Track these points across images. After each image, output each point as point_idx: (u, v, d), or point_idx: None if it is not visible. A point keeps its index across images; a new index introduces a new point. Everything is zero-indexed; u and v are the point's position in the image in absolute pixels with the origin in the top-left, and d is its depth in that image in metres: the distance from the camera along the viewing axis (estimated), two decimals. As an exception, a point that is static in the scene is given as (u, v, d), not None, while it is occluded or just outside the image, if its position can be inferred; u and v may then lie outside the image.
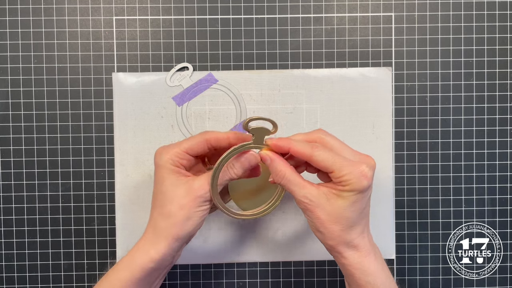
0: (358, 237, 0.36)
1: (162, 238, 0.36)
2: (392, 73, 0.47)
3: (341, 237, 0.36)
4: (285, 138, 0.36)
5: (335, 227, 0.35)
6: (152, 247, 0.36)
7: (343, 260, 0.37)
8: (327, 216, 0.35)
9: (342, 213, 0.35)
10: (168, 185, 0.36)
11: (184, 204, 0.35)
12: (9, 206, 0.46)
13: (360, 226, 0.36)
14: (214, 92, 0.46)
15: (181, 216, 0.35)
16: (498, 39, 0.47)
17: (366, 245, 0.36)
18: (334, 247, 0.36)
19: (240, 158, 0.37)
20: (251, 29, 0.47)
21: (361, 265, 0.36)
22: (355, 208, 0.35)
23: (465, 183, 0.47)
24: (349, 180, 0.34)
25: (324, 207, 0.35)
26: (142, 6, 0.46)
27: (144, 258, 0.36)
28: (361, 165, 0.34)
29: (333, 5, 0.47)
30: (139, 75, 0.46)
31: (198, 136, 0.38)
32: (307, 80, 0.46)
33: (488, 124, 0.47)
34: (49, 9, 0.46)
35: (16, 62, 0.46)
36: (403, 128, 0.47)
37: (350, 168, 0.34)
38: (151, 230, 0.37)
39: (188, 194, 0.36)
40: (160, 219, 0.36)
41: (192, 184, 0.36)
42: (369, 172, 0.34)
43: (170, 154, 0.36)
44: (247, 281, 0.47)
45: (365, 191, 0.35)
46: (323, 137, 0.37)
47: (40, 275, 0.47)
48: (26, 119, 0.46)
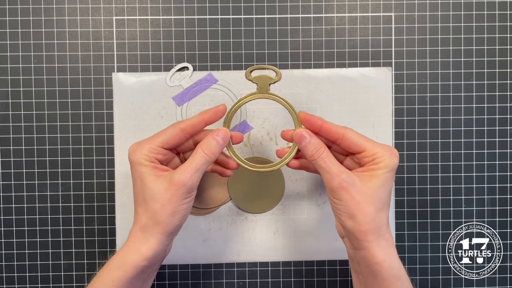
0: (385, 224, 0.36)
1: (151, 236, 0.36)
2: (392, 73, 0.47)
3: (374, 221, 0.35)
4: (316, 116, 0.37)
5: (371, 207, 0.35)
6: (142, 245, 0.35)
7: (374, 252, 0.35)
8: (362, 196, 0.35)
9: (376, 193, 0.35)
10: (147, 182, 0.35)
11: (166, 200, 0.35)
12: (9, 206, 0.46)
13: (387, 212, 0.37)
14: (214, 92, 0.46)
15: (166, 212, 0.35)
16: (498, 39, 0.47)
17: (391, 236, 0.37)
18: (366, 235, 0.35)
19: (212, 135, 0.37)
20: (251, 29, 0.47)
21: (390, 256, 0.35)
22: (386, 188, 0.36)
23: (465, 183, 0.47)
24: (382, 156, 0.35)
25: (359, 187, 0.35)
26: (142, 6, 0.46)
27: (136, 257, 0.35)
28: (389, 146, 0.37)
29: (333, 5, 0.47)
30: (139, 75, 0.46)
31: (171, 128, 0.37)
32: (307, 80, 0.46)
33: (488, 124, 0.47)
34: (49, 9, 0.46)
35: (16, 62, 0.46)
36: (403, 128, 0.47)
37: (381, 147, 0.36)
38: (138, 228, 0.36)
39: (169, 189, 0.35)
40: (146, 217, 0.36)
41: (172, 179, 0.35)
42: (396, 151, 0.37)
43: (145, 150, 0.36)
44: (247, 281, 0.47)
45: (395, 168, 0.36)
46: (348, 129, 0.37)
47: (40, 275, 0.47)
48: (26, 119, 0.46)
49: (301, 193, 0.47)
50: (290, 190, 0.47)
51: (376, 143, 0.37)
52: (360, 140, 0.36)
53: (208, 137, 0.37)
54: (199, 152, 0.36)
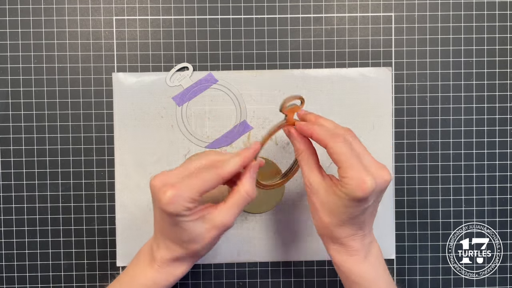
0: (346, 237, 0.36)
1: (186, 262, 0.37)
2: (392, 73, 0.47)
3: (328, 230, 0.36)
4: (310, 124, 0.37)
5: (325, 219, 0.36)
6: (176, 269, 0.37)
7: (330, 251, 0.38)
8: (320, 205, 0.36)
9: (335, 210, 0.35)
10: (185, 227, 0.34)
11: (208, 241, 0.35)
12: (9, 206, 0.46)
13: (350, 230, 0.36)
14: (214, 92, 0.46)
15: (207, 248, 0.36)
16: (498, 39, 0.47)
17: (355, 246, 0.36)
18: (322, 237, 0.38)
19: (249, 173, 0.36)
20: (251, 29, 0.47)
21: (346, 263, 0.37)
22: (346, 211, 0.34)
23: (465, 183, 0.47)
24: (347, 184, 0.33)
25: (321, 197, 0.36)
26: (142, 6, 0.46)
27: (167, 278, 0.37)
28: (366, 176, 0.33)
29: (333, 5, 0.47)
30: (139, 75, 0.46)
31: (210, 175, 0.34)
32: (307, 80, 0.46)
33: (488, 124, 0.47)
34: (49, 9, 0.46)
35: (16, 62, 0.46)
36: (403, 128, 0.47)
37: (354, 174, 0.33)
38: (170, 257, 0.36)
39: (211, 231, 0.35)
40: (183, 253, 0.36)
41: (215, 222, 0.35)
42: (370, 186, 0.32)
43: (186, 202, 0.33)
44: (247, 281, 0.47)
45: (359, 201, 0.33)
46: (347, 137, 0.35)
47: (40, 275, 0.47)
48: (26, 119, 0.46)
49: (301, 193, 0.47)
50: (290, 190, 0.47)
51: (357, 166, 0.33)
52: (341, 156, 0.34)
53: (249, 178, 0.36)
54: (242, 194, 0.35)
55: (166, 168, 0.46)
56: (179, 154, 0.46)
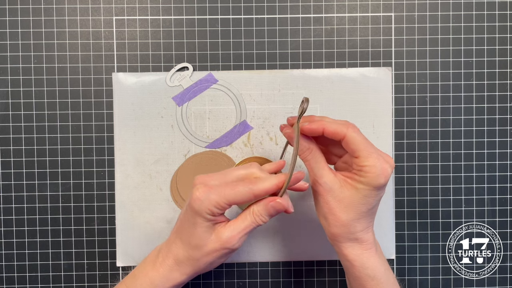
0: (362, 231, 0.36)
1: (184, 270, 0.37)
2: (392, 73, 0.47)
3: (345, 227, 0.36)
4: (318, 121, 0.36)
5: (344, 215, 0.35)
6: (173, 273, 0.37)
7: (344, 250, 0.37)
8: (336, 203, 0.35)
9: (352, 204, 0.35)
10: (198, 230, 0.35)
11: (209, 252, 0.35)
12: (9, 206, 0.46)
13: (366, 222, 0.36)
14: (214, 92, 0.46)
15: (205, 262, 0.36)
16: (498, 39, 0.47)
17: (369, 240, 0.37)
18: (336, 237, 0.37)
19: (266, 206, 0.35)
20: (251, 29, 0.47)
21: (361, 258, 0.37)
22: (365, 202, 0.35)
23: (465, 183, 0.47)
24: (369, 173, 0.34)
25: (336, 193, 0.35)
26: (142, 6, 0.46)
27: (163, 281, 0.37)
28: (386, 162, 0.34)
29: (333, 5, 0.47)
30: (139, 75, 0.46)
31: (243, 188, 0.34)
32: (307, 80, 0.46)
33: (488, 124, 0.47)
34: (49, 9, 0.46)
35: (16, 62, 0.46)
36: (403, 128, 0.47)
37: (376, 161, 0.34)
38: (173, 258, 0.37)
39: (215, 244, 0.35)
40: (185, 256, 0.36)
41: (221, 236, 0.35)
42: (390, 172, 0.34)
43: (212, 205, 0.34)
44: (247, 281, 0.47)
45: (379, 188, 0.35)
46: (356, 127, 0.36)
47: (40, 275, 0.47)
48: (26, 119, 0.46)
49: (301, 193, 0.47)
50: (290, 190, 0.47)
51: (374, 152, 0.34)
52: (360, 144, 0.34)
53: (265, 205, 0.36)
54: (252, 218, 0.36)
55: (166, 168, 0.46)
56: (179, 154, 0.46)
